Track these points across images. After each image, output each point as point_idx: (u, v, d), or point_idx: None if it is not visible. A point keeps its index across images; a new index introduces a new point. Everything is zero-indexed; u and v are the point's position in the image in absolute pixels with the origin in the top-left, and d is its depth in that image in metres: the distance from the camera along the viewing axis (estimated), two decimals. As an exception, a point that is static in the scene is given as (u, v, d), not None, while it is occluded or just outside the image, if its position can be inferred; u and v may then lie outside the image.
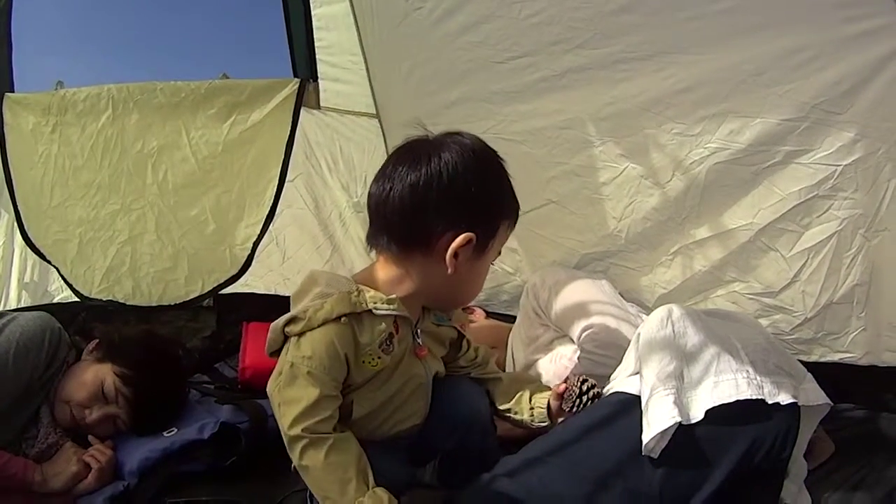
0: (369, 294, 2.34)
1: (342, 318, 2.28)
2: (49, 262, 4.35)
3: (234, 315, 4.62)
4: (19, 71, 4.33)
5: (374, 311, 2.31)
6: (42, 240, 4.33)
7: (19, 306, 4.50)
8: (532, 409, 2.65)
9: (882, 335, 3.23)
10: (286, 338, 2.37)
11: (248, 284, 4.55)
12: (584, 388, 2.53)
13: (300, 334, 2.30)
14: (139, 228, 4.29)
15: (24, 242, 4.34)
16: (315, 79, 4.37)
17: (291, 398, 2.27)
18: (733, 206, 3.36)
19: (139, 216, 4.28)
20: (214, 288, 4.34)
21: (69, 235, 4.30)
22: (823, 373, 2.77)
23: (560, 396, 2.59)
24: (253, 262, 4.33)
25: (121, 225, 4.28)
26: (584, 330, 3.21)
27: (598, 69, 3.41)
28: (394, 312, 2.34)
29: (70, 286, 4.34)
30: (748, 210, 3.32)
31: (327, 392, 2.26)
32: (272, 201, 4.25)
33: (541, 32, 3.13)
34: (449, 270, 2.32)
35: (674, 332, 2.52)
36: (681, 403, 2.34)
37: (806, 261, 3.25)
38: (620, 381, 2.63)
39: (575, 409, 2.52)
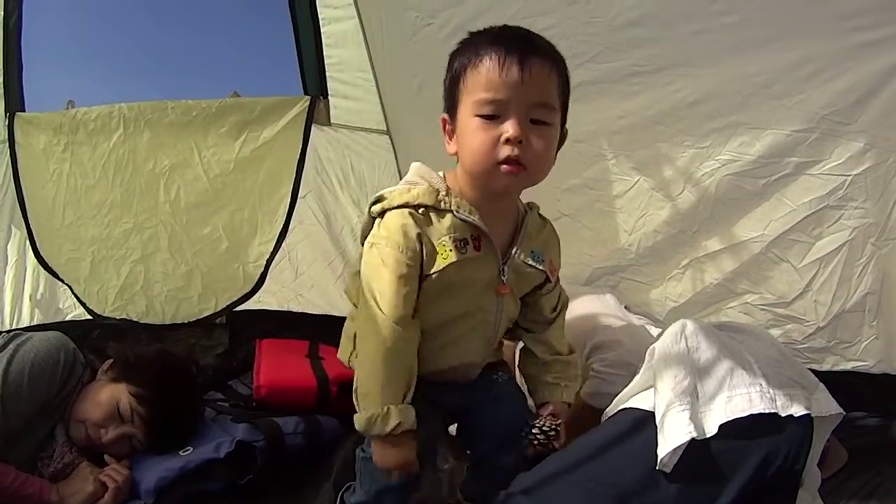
0: (455, 199, 2.38)
1: (421, 209, 2.35)
2: (62, 280, 4.38)
3: (247, 332, 4.62)
4: (30, 89, 4.36)
5: (455, 213, 2.35)
6: (55, 259, 4.35)
7: (31, 324, 4.52)
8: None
9: (894, 343, 3.25)
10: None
11: (261, 301, 4.56)
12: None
13: (381, 215, 2.39)
14: (152, 247, 4.31)
15: (36, 260, 4.36)
16: (325, 96, 4.40)
17: (373, 278, 2.35)
18: (744, 217, 3.38)
19: (152, 235, 4.30)
20: (228, 306, 4.36)
21: (82, 254, 4.31)
22: (836, 381, 2.79)
23: None
24: (266, 279, 4.35)
25: (133, 243, 4.30)
26: (592, 350, 3.21)
27: (610, 83, 3.43)
28: (473, 220, 2.35)
29: (83, 304, 4.35)
30: (759, 222, 3.35)
31: (404, 268, 2.30)
32: (285, 218, 4.30)
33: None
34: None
35: (687, 346, 2.53)
36: (696, 418, 2.35)
37: (817, 271, 3.27)
38: (634, 398, 2.64)
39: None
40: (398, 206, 2.35)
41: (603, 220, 3.66)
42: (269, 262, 4.32)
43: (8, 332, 3.35)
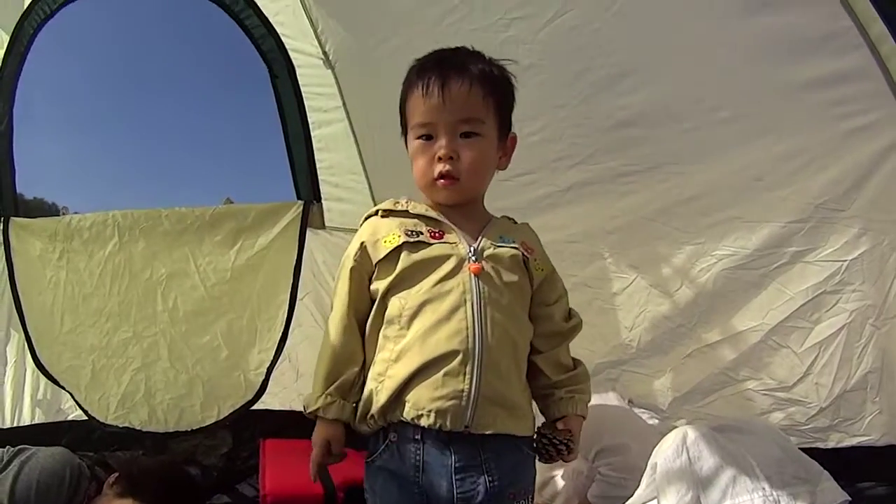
0: (412, 203, 2.59)
1: (379, 212, 2.60)
2: (63, 387, 4.35)
3: (250, 431, 4.60)
4: (23, 195, 4.37)
5: (409, 210, 2.55)
6: (55, 366, 4.32)
7: (33, 423, 4.53)
8: None
9: (898, 415, 3.23)
10: None
11: (263, 401, 4.48)
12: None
13: None
14: (152, 356, 4.29)
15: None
16: (318, 199, 4.42)
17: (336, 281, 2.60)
18: (743, 308, 3.40)
19: (151, 343, 4.28)
20: (230, 414, 4.32)
21: (82, 362, 4.29)
22: (842, 458, 2.89)
23: None
24: (267, 386, 4.33)
25: (133, 352, 4.28)
26: (598, 453, 3.20)
27: (602, 183, 3.48)
28: (427, 213, 2.54)
29: (85, 412, 4.31)
30: (758, 312, 3.36)
31: (351, 263, 2.53)
32: (283, 326, 4.28)
33: (543, 150, 3.18)
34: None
35: (689, 457, 2.56)
36: (700, 531, 2.38)
37: (817, 354, 3.28)
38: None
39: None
40: (365, 220, 2.63)
41: (603, 316, 3.67)
42: (269, 369, 4.29)
43: (12, 446, 3.36)
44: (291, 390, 4.68)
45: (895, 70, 2.86)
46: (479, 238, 2.52)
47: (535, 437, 2.50)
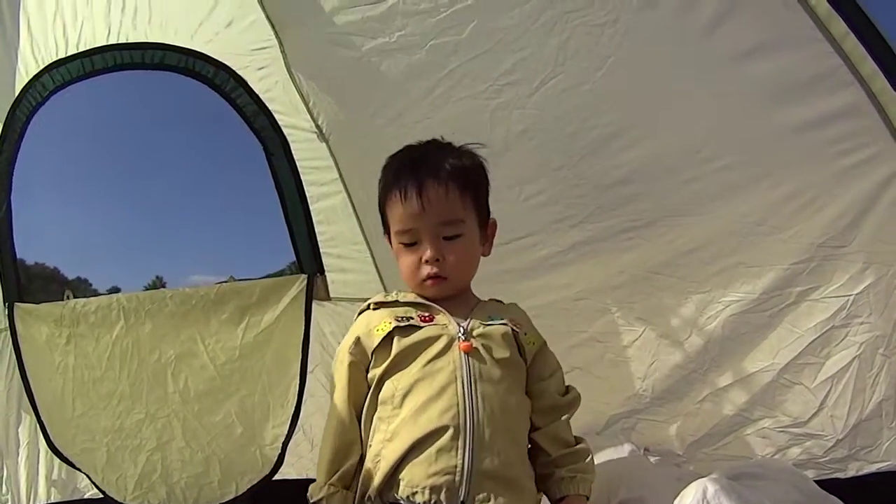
0: (402, 293, 2.77)
1: (371, 305, 2.76)
2: (79, 470, 4.34)
3: (269, 501, 4.54)
4: (26, 279, 4.37)
5: (399, 300, 2.72)
6: (70, 449, 4.31)
7: (49, 503, 4.52)
8: None
9: (916, 437, 3.25)
10: None
11: (280, 471, 4.46)
12: None
13: None
14: (167, 436, 4.28)
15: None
16: (322, 272, 4.44)
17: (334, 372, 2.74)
18: (753, 350, 3.42)
19: (165, 424, 4.28)
20: (249, 489, 4.31)
21: (97, 444, 4.28)
22: (863, 485, 2.98)
23: None
24: (284, 460, 4.33)
25: (147, 433, 4.27)
26: None
27: (605, 240, 3.51)
28: (417, 300, 2.70)
29: (104, 493, 4.30)
30: (768, 352, 3.38)
31: (347, 358, 2.65)
32: (296, 400, 4.28)
33: (542, 212, 3.21)
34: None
35: (710, 511, 2.57)
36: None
37: (830, 388, 3.29)
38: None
39: None
40: (359, 314, 2.79)
41: (615, 369, 3.69)
42: (285, 444, 4.29)
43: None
44: (307, 459, 4.62)
45: (887, 103, 2.90)
46: (469, 319, 2.61)
47: None
